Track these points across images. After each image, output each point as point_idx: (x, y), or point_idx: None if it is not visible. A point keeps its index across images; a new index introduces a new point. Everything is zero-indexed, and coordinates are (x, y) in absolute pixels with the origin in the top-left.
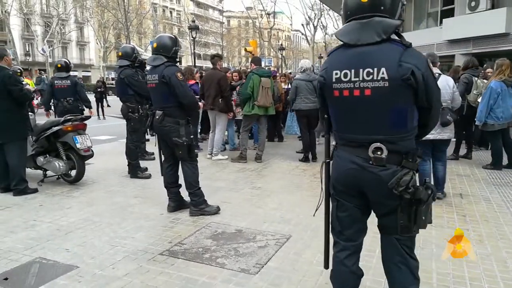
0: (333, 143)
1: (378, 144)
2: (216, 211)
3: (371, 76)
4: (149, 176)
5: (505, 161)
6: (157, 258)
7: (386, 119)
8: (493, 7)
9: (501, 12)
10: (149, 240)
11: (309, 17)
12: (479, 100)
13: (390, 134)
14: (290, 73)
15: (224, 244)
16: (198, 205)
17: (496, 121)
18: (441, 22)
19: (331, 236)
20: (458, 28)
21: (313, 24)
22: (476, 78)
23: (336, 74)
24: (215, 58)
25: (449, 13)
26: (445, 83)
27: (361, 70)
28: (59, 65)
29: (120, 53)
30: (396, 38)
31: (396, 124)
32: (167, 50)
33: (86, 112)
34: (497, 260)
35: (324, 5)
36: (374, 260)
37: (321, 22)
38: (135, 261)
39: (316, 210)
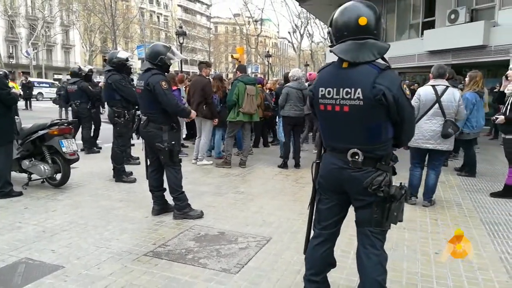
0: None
1: (355, 150)
2: (200, 215)
3: (349, 95)
4: (134, 180)
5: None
6: (141, 258)
7: (362, 132)
8: (471, 20)
9: (479, 25)
10: (134, 242)
11: (295, 25)
12: None
13: (366, 144)
14: (277, 80)
15: (207, 246)
16: (182, 209)
17: (471, 130)
18: (422, 34)
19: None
20: (439, 40)
21: (300, 32)
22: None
23: (322, 91)
24: (201, 65)
25: (430, 25)
26: (451, 96)
27: (341, 89)
28: (71, 72)
29: (105, 58)
30: (376, 60)
31: (371, 136)
32: (153, 58)
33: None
34: (463, 260)
35: (310, 14)
36: (349, 260)
37: (308, 30)
38: (120, 262)
39: (310, 204)
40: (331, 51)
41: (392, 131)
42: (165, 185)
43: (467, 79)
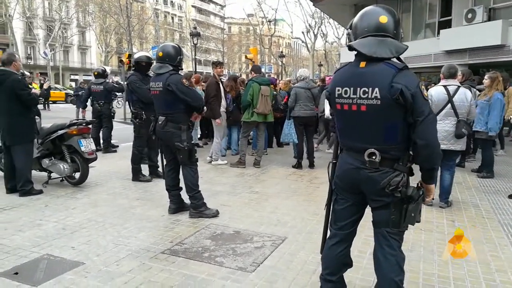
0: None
1: (372, 150)
2: (215, 214)
3: (366, 95)
4: (150, 180)
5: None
6: (158, 256)
7: (379, 132)
8: (489, 19)
9: (497, 24)
10: (151, 240)
11: (309, 25)
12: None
13: (383, 144)
14: (289, 81)
15: (223, 245)
16: (198, 207)
17: (498, 131)
18: (438, 33)
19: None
20: (455, 39)
21: (314, 32)
22: (474, 89)
23: (338, 90)
24: (212, 65)
25: (446, 24)
26: (463, 96)
27: (358, 88)
28: (95, 73)
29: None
30: (394, 60)
31: (388, 136)
32: (172, 59)
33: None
34: (481, 262)
35: (324, 13)
36: (364, 261)
37: (321, 30)
38: (138, 259)
39: (326, 204)
40: (349, 46)
41: (408, 133)
42: (181, 184)
43: (486, 80)
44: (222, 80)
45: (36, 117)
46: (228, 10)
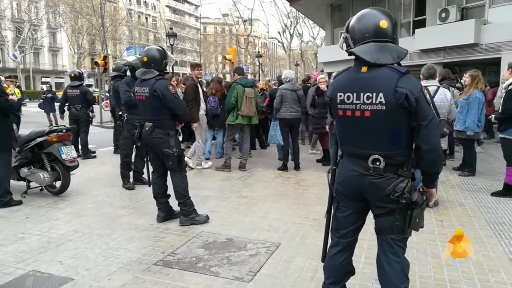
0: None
1: (376, 156)
2: (206, 220)
3: (370, 100)
4: (132, 188)
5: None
6: (151, 268)
7: (383, 138)
8: (462, 18)
9: (469, 23)
10: (142, 251)
11: (285, 24)
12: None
13: (387, 150)
14: (269, 80)
15: (217, 253)
16: (188, 214)
17: (479, 129)
18: (413, 32)
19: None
20: (430, 38)
21: (289, 32)
22: (452, 89)
23: (340, 96)
24: (191, 67)
25: (421, 24)
26: (443, 96)
27: (361, 94)
28: (72, 75)
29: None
30: (393, 64)
31: (392, 142)
32: (158, 64)
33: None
34: (474, 263)
35: (299, 13)
36: (360, 265)
37: (297, 30)
38: (130, 272)
39: (327, 212)
40: (350, 52)
41: (412, 138)
42: (169, 191)
43: (467, 79)
44: (201, 82)
45: (13, 124)
46: (203, 10)
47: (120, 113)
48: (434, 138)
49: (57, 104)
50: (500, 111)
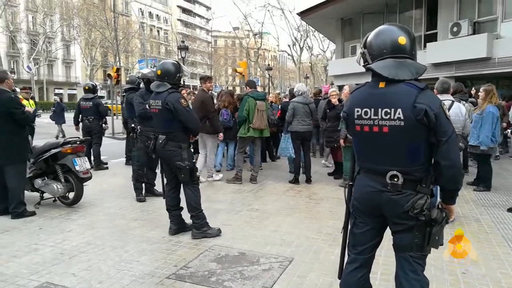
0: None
1: (394, 172)
2: (218, 233)
3: (388, 116)
4: (143, 200)
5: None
6: (164, 282)
7: (401, 154)
8: (474, 32)
9: (482, 37)
10: (154, 264)
11: (295, 38)
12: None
13: (405, 166)
14: (279, 93)
15: (229, 268)
16: (201, 227)
17: (494, 144)
18: (425, 46)
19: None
20: (441, 52)
21: (299, 45)
22: (464, 102)
23: (358, 111)
24: (201, 80)
25: (432, 38)
26: (458, 111)
27: (379, 109)
28: (86, 87)
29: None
30: (411, 80)
31: (411, 158)
32: (171, 77)
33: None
34: (492, 280)
35: (310, 27)
36: (376, 282)
37: (307, 43)
38: (143, 285)
39: (343, 227)
40: (368, 68)
41: (430, 154)
42: (182, 203)
43: (481, 93)
44: (212, 94)
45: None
46: (214, 23)
47: (133, 125)
48: (453, 153)
49: (66, 116)
50: None
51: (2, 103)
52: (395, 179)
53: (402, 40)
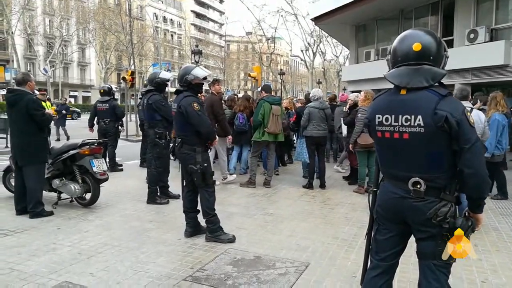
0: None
1: (416, 179)
2: (231, 239)
3: (408, 122)
4: (167, 202)
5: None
6: (181, 284)
7: (422, 160)
8: (491, 39)
9: (499, 44)
10: (171, 266)
11: (308, 43)
12: None
13: (427, 173)
14: (293, 98)
15: (245, 271)
16: (213, 232)
17: (501, 152)
18: None
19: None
20: (458, 59)
21: (312, 50)
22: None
23: (379, 118)
24: (209, 84)
25: (448, 44)
26: (477, 118)
27: (400, 116)
28: (101, 90)
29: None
30: (435, 86)
31: (433, 165)
32: (180, 79)
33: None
34: None
35: (324, 32)
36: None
37: (320, 48)
38: (161, 287)
39: (367, 233)
40: (384, 76)
41: (453, 161)
42: (199, 206)
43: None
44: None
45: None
46: (227, 28)
47: (161, 131)
48: (477, 161)
49: (67, 121)
50: None
51: (24, 104)
52: (418, 186)
53: (417, 46)
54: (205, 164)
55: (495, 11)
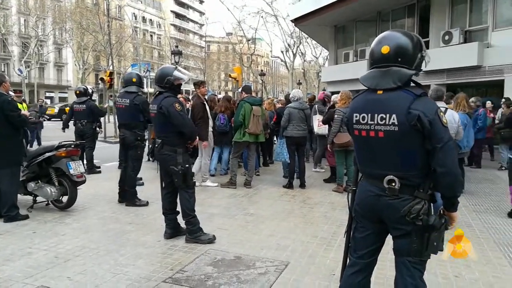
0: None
1: (391, 177)
2: (211, 240)
3: (384, 121)
4: (146, 204)
5: None
6: (160, 285)
7: (397, 159)
8: (465, 41)
9: (473, 46)
10: (150, 268)
11: (288, 44)
12: None
13: (401, 171)
14: (273, 99)
15: (225, 271)
16: (193, 233)
17: (462, 150)
18: None
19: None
20: (433, 60)
21: (292, 51)
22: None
23: (356, 116)
24: (195, 85)
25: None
26: (451, 117)
27: (376, 114)
28: (77, 92)
29: (134, 79)
30: (410, 87)
31: (407, 163)
32: (160, 80)
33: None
34: (485, 284)
35: (304, 34)
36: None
37: (300, 50)
38: None
39: (346, 231)
40: (359, 79)
41: (427, 160)
42: (178, 208)
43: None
44: (206, 99)
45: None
46: (207, 28)
47: (141, 133)
48: (450, 161)
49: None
50: None
51: None
52: (392, 184)
53: (385, 49)
54: (186, 165)
55: (469, 13)
